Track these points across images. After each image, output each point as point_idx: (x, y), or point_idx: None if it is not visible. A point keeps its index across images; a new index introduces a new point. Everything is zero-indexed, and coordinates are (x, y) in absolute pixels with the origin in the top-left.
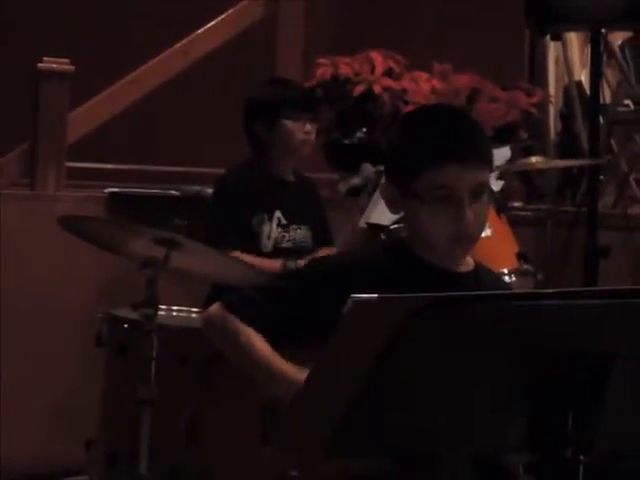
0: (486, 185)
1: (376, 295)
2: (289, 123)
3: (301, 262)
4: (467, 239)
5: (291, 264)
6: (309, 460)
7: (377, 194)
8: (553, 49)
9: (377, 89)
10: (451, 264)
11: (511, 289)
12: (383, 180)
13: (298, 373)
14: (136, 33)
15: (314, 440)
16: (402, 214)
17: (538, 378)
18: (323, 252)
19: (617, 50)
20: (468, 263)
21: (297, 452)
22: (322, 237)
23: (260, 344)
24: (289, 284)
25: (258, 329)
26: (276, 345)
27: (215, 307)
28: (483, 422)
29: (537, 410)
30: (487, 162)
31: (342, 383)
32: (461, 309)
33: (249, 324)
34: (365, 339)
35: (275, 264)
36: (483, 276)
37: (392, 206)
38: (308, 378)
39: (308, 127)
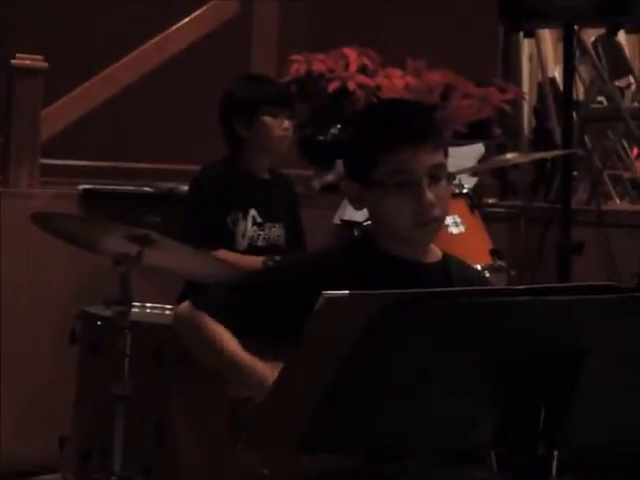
0: (443, 167)
1: (348, 292)
2: (268, 120)
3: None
4: (430, 222)
5: (271, 262)
6: (280, 458)
7: None
8: (527, 46)
9: (351, 86)
10: (418, 254)
11: (482, 276)
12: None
13: (267, 371)
14: (109, 30)
15: (285, 437)
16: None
17: (510, 374)
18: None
19: (590, 47)
20: (435, 253)
21: (268, 450)
22: (294, 235)
23: (229, 341)
24: (260, 281)
25: (227, 327)
26: (245, 343)
27: (184, 305)
28: (454, 419)
29: (509, 406)
30: (440, 144)
31: (313, 380)
32: (432, 306)
33: (218, 321)
34: (337, 336)
35: (256, 261)
36: (452, 266)
37: (355, 202)
38: (279, 375)
39: (286, 123)
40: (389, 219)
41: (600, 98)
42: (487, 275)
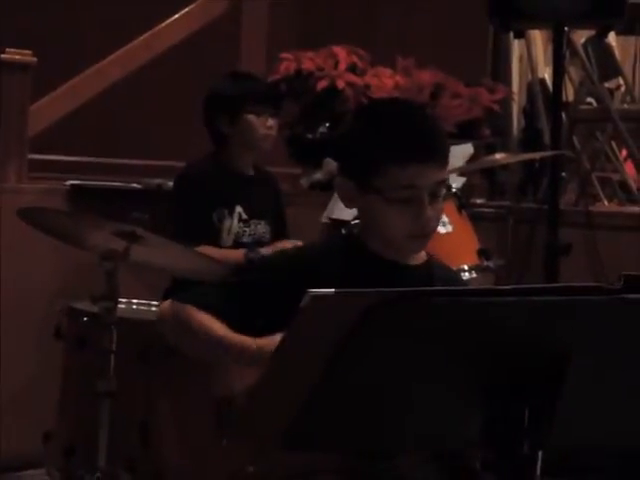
0: (444, 184)
1: (333, 290)
2: (252, 118)
3: (262, 251)
4: (425, 236)
5: (252, 254)
6: (265, 454)
7: None
8: (517, 46)
9: (340, 84)
10: (403, 256)
11: (463, 282)
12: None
13: (261, 341)
14: (99, 26)
15: (269, 435)
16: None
17: (495, 374)
18: (283, 244)
19: (580, 48)
20: (420, 256)
21: (253, 447)
22: (280, 232)
23: (215, 324)
24: (245, 278)
25: (214, 315)
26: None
27: (168, 302)
28: (439, 418)
29: (493, 406)
30: (446, 161)
31: (298, 377)
32: (418, 305)
33: (205, 310)
34: (321, 333)
35: (238, 254)
36: (436, 268)
37: (347, 200)
38: (264, 371)
39: (270, 122)
40: (383, 227)
41: (589, 99)
42: (474, 275)
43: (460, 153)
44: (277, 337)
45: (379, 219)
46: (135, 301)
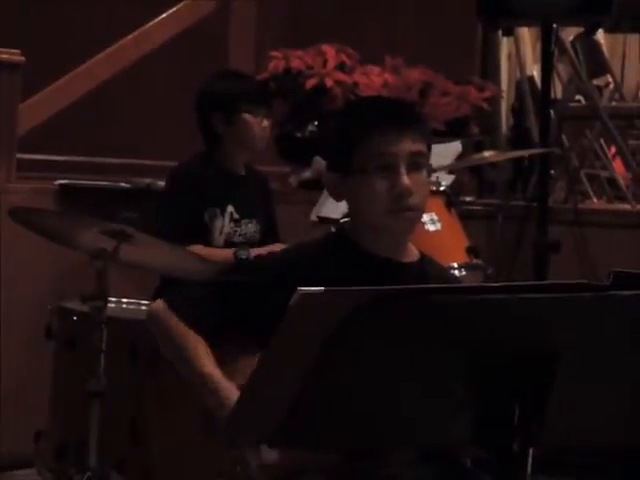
0: (423, 155)
1: (323, 288)
2: (248, 117)
3: (252, 251)
4: (407, 209)
5: (242, 253)
6: (254, 454)
7: None
8: (505, 44)
9: (329, 83)
10: (395, 253)
11: (456, 279)
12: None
13: (231, 392)
14: (88, 25)
15: (259, 433)
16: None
17: (485, 372)
18: (275, 246)
19: (569, 46)
20: (413, 253)
21: (242, 445)
22: (270, 232)
23: (201, 353)
24: (236, 278)
25: (201, 331)
26: (219, 342)
27: (158, 304)
28: (429, 416)
29: (484, 404)
30: (422, 132)
31: (288, 375)
32: (408, 302)
33: (192, 326)
34: (311, 332)
35: (228, 253)
36: (428, 266)
37: (335, 193)
38: (254, 371)
39: (265, 123)
40: (365, 205)
41: (578, 97)
42: (463, 273)
43: (449, 151)
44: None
45: (360, 197)
46: (125, 300)
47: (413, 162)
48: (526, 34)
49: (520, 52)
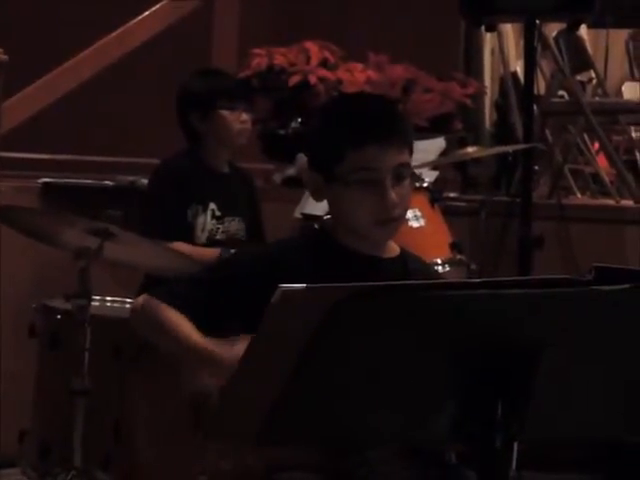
0: (407, 166)
1: (304, 285)
2: (225, 113)
3: None
4: (391, 221)
5: (227, 254)
6: (240, 450)
7: None
8: (488, 40)
9: (312, 79)
10: (376, 250)
11: (438, 274)
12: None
13: (227, 353)
14: (70, 22)
15: (244, 431)
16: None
17: (467, 367)
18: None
19: (552, 41)
20: (393, 249)
21: (228, 442)
22: (255, 229)
23: (184, 326)
24: (217, 274)
25: (186, 313)
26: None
27: (141, 298)
28: (413, 412)
29: (467, 399)
30: (407, 143)
31: (270, 373)
32: (389, 298)
33: (177, 308)
34: (293, 329)
35: (214, 252)
36: (409, 262)
37: (316, 194)
38: (237, 368)
39: (244, 116)
40: (349, 215)
41: (561, 92)
42: (447, 269)
43: (432, 147)
44: (239, 346)
45: (345, 208)
46: (109, 298)
47: (398, 174)
48: (509, 30)
49: (503, 48)
